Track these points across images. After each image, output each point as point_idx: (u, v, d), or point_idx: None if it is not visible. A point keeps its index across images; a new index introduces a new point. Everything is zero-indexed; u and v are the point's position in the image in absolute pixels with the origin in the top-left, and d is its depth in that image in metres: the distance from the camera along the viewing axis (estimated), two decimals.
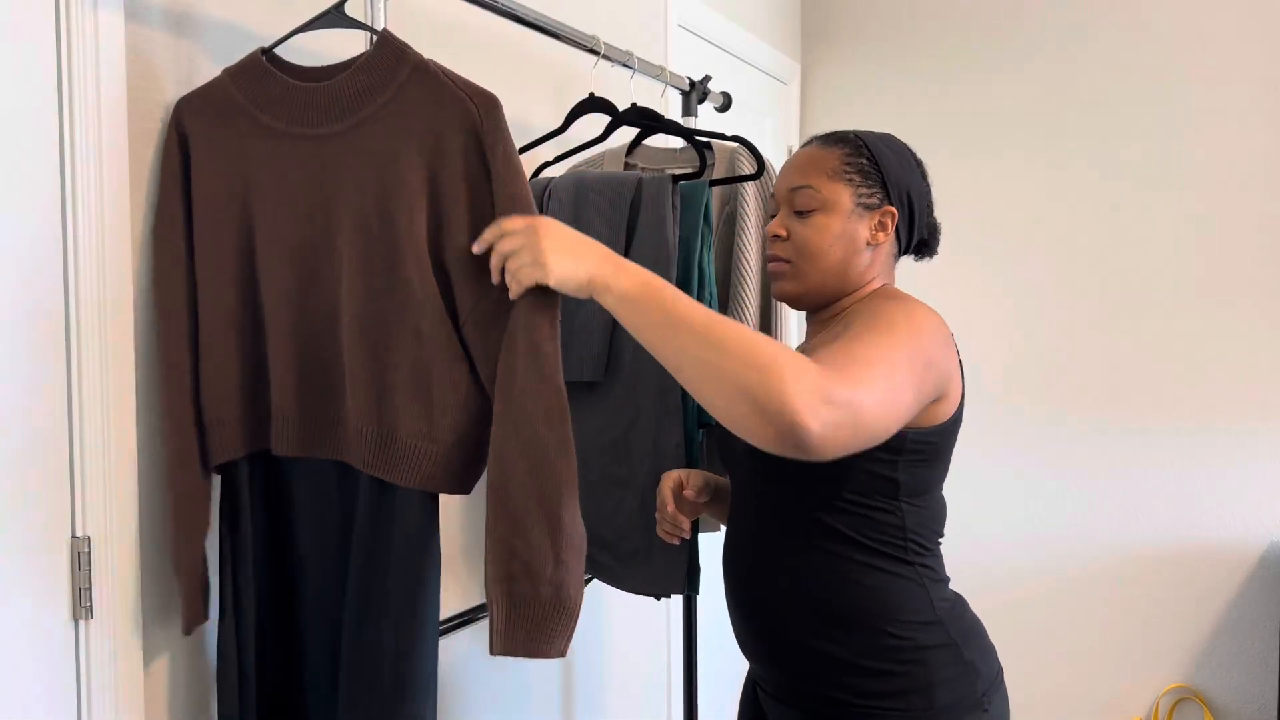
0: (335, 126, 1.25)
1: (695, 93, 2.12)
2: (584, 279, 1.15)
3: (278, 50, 1.32)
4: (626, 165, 1.91)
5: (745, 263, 1.80)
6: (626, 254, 1.66)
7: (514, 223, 1.17)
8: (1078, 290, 3.05)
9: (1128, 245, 2.98)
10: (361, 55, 1.27)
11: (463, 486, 1.28)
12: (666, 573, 1.67)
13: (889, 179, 1.39)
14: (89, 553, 1.24)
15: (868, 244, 1.39)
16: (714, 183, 1.75)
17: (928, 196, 1.44)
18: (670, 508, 1.49)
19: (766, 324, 1.84)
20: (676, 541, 1.52)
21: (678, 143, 2.34)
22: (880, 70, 3.27)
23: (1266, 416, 2.86)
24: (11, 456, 1.17)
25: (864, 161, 1.38)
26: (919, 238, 1.45)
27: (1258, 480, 2.88)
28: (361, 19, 1.32)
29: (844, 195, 1.37)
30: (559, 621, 1.22)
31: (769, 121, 3.15)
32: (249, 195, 1.28)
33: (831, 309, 1.42)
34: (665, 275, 1.62)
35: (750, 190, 1.83)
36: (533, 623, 1.21)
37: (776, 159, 3.22)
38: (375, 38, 1.31)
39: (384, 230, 1.23)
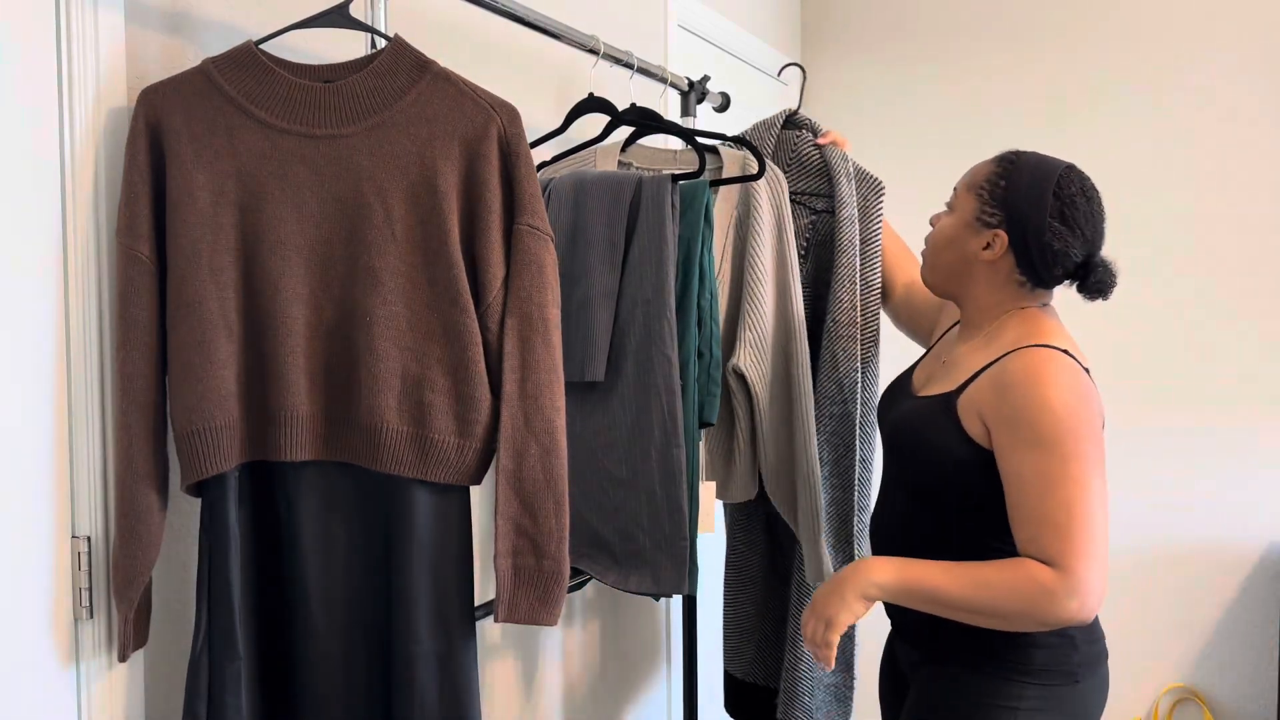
0: (348, 128, 1.25)
1: (694, 93, 2.12)
2: (855, 606, 1.42)
3: (263, 47, 1.31)
4: (620, 164, 1.91)
5: (759, 264, 1.80)
6: (626, 253, 1.66)
7: (805, 613, 1.49)
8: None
9: (1126, 245, 2.98)
10: (373, 59, 1.28)
11: (479, 477, 1.31)
12: (666, 573, 1.66)
13: (1007, 204, 1.45)
14: (89, 553, 1.24)
15: (978, 259, 1.49)
16: (714, 183, 1.75)
17: (1052, 233, 1.44)
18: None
19: (784, 327, 1.83)
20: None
21: (676, 142, 2.34)
22: (880, 70, 3.27)
23: (1266, 417, 2.86)
24: (12, 457, 1.17)
25: (1001, 182, 1.46)
26: (1051, 273, 1.47)
27: (1258, 480, 2.88)
28: (362, 19, 1.32)
29: (969, 207, 1.50)
30: (557, 590, 1.31)
31: None
32: (245, 194, 1.25)
33: (972, 315, 1.55)
34: (663, 275, 1.62)
35: (764, 193, 1.82)
36: (535, 594, 1.31)
37: None
38: (383, 42, 1.32)
39: (415, 232, 1.26)
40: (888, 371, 2.32)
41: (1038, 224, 1.44)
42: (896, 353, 2.12)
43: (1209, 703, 2.94)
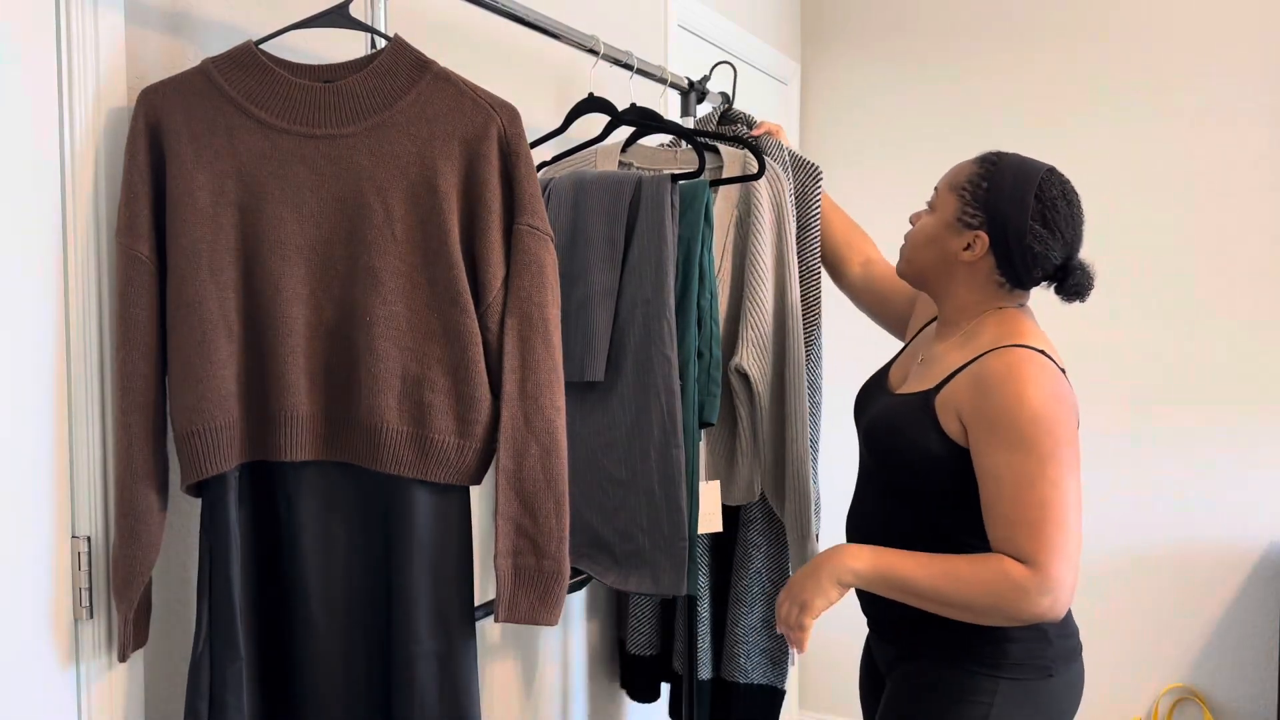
0: (348, 128, 1.25)
1: (694, 93, 2.12)
2: (829, 590, 1.44)
3: (263, 47, 1.31)
4: (620, 164, 1.91)
5: (760, 263, 1.80)
6: (625, 253, 1.66)
7: (780, 596, 1.50)
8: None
9: (1127, 245, 2.98)
10: (373, 59, 1.28)
11: (479, 477, 1.31)
12: (666, 573, 1.67)
13: (989, 205, 1.47)
14: (89, 553, 1.24)
15: (958, 259, 1.50)
16: (714, 183, 1.75)
17: (1033, 235, 1.46)
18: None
19: (782, 326, 1.84)
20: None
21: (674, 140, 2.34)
22: (880, 70, 3.27)
23: (1267, 417, 2.86)
24: (12, 457, 1.17)
25: (983, 184, 1.48)
26: (1030, 274, 1.49)
27: (1258, 480, 2.88)
28: (362, 19, 1.32)
29: (951, 207, 1.51)
30: (558, 590, 1.31)
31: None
32: (245, 194, 1.25)
33: (950, 314, 1.56)
34: (663, 274, 1.62)
35: (764, 192, 1.83)
36: (535, 594, 1.31)
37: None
38: (383, 42, 1.31)
39: (415, 232, 1.26)
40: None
41: (1019, 226, 1.46)
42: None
43: (1209, 703, 2.94)
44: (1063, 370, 1.46)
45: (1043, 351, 1.44)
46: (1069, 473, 1.36)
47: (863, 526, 1.60)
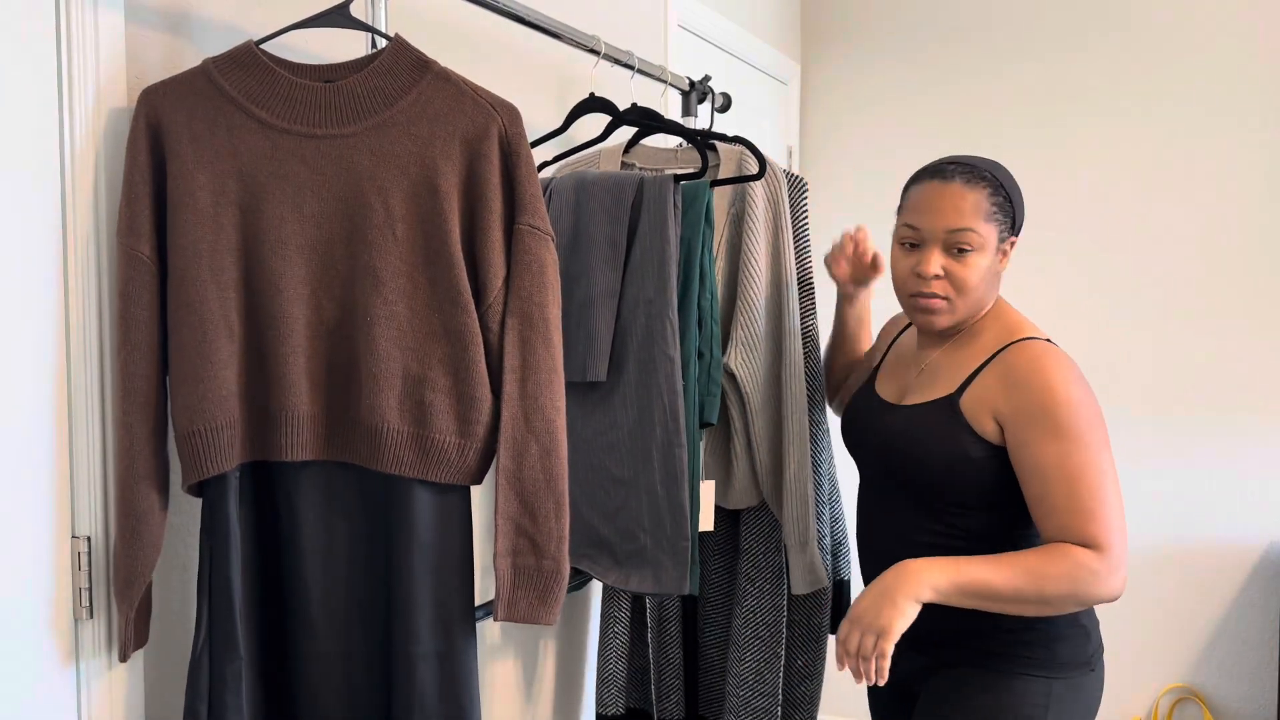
0: (349, 128, 1.25)
1: (695, 93, 2.12)
2: (907, 610, 1.36)
3: (264, 47, 1.31)
4: (623, 164, 1.91)
5: (753, 263, 1.80)
6: (628, 254, 1.66)
7: (844, 629, 1.39)
8: (1075, 290, 3.05)
9: (1127, 245, 2.98)
10: (373, 58, 1.28)
11: (480, 477, 1.31)
12: (668, 572, 1.66)
13: (1016, 213, 1.52)
14: (89, 553, 1.24)
15: (996, 273, 1.53)
16: (715, 183, 1.75)
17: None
18: None
19: (778, 327, 1.83)
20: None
21: (677, 142, 2.34)
22: (880, 70, 3.27)
23: (1267, 417, 2.86)
24: (12, 457, 1.17)
25: (1002, 200, 1.50)
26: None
27: (1258, 480, 2.88)
28: (362, 19, 1.32)
29: (993, 235, 1.50)
30: (557, 589, 1.31)
31: (768, 121, 3.15)
32: (245, 194, 1.24)
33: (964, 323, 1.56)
34: (665, 275, 1.62)
35: (759, 192, 1.82)
36: (535, 593, 1.31)
37: (776, 159, 3.22)
38: (384, 41, 1.31)
39: (415, 231, 1.26)
40: None
41: (1022, 218, 1.55)
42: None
43: (1209, 703, 2.94)
44: None
45: (1048, 340, 1.49)
46: (1106, 454, 1.41)
47: (878, 541, 1.59)
